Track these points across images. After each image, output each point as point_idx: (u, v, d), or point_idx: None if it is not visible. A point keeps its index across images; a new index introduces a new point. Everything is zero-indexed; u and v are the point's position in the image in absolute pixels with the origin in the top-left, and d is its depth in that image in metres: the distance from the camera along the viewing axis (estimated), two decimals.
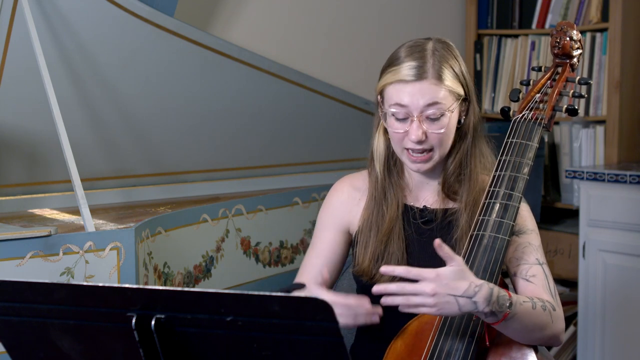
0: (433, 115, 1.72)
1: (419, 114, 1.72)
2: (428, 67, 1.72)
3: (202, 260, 2.70)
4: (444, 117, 1.73)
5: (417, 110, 1.72)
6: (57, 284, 1.32)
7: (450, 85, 1.73)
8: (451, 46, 1.79)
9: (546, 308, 1.65)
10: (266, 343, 1.23)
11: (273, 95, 3.08)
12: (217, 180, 3.17)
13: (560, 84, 1.82)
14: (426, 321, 1.68)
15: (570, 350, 3.53)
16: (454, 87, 1.74)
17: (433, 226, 1.81)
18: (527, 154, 1.74)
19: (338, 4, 3.68)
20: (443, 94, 1.72)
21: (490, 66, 3.99)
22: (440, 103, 1.72)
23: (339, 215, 1.87)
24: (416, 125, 1.72)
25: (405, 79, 1.72)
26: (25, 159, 2.71)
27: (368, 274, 1.79)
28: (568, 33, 1.83)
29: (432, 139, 1.73)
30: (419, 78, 1.72)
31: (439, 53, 1.75)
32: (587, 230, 3.31)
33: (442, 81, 1.72)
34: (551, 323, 1.67)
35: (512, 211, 1.68)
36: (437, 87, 1.72)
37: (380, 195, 1.83)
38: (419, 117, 1.72)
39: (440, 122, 1.73)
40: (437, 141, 1.74)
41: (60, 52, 2.55)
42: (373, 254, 1.79)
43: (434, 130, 1.72)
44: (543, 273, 1.74)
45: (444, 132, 1.73)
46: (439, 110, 1.72)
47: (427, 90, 1.71)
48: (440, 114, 1.72)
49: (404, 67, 1.73)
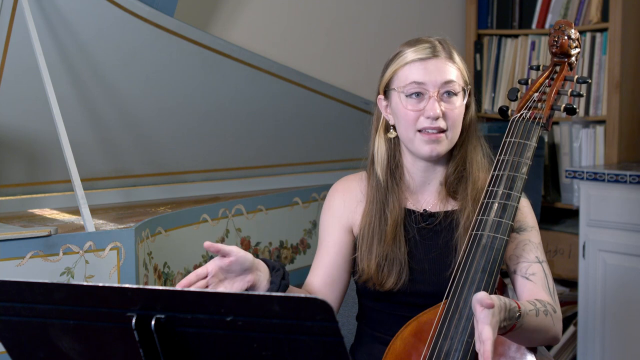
0: (450, 92, 1.74)
1: (435, 90, 1.74)
2: (439, 48, 1.77)
3: (202, 260, 2.71)
4: (458, 97, 1.76)
5: (435, 86, 1.74)
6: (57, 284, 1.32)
7: (460, 67, 1.77)
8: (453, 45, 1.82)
9: (548, 312, 1.65)
10: (266, 343, 1.23)
11: (273, 95, 3.08)
12: (217, 180, 3.18)
13: (559, 83, 1.82)
14: (425, 321, 1.68)
15: (570, 350, 3.53)
16: (463, 71, 1.78)
17: (434, 228, 1.81)
18: (526, 154, 1.74)
19: (338, 4, 3.69)
20: (456, 73, 1.76)
21: (490, 66, 3.99)
22: (454, 81, 1.75)
23: (341, 215, 1.87)
24: (434, 101, 1.73)
25: (420, 56, 1.75)
26: (25, 159, 2.71)
27: (370, 278, 1.79)
28: (566, 32, 1.82)
29: (449, 117, 1.74)
30: (434, 55, 1.75)
31: (446, 43, 1.79)
32: (587, 230, 3.32)
33: (454, 61, 1.76)
34: (552, 326, 1.67)
35: (510, 211, 1.68)
36: (451, 65, 1.76)
37: (382, 199, 1.82)
38: (436, 94, 1.73)
39: (456, 100, 1.75)
40: (452, 121, 1.75)
41: (60, 52, 2.55)
42: (376, 258, 1.78)
43: (451, 108, 1.74)
44: (543, 271, 1.74)
45: (458, 112, 1.76)
46: (455, 89, 1.75)
47: (443, 67, 1.75)
48: (456, 91, 1.75)
49: (415, 50, 1.76)
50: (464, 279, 1.64)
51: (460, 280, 1.65)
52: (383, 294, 1.78)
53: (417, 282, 1.77)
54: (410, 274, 1.77)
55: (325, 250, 1.86)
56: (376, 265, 1.77)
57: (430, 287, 1.76)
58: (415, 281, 1.77)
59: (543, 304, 1.66)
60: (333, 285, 1.84)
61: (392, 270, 1.76)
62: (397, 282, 1.76)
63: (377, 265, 1.77)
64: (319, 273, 1.85)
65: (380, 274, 1.77)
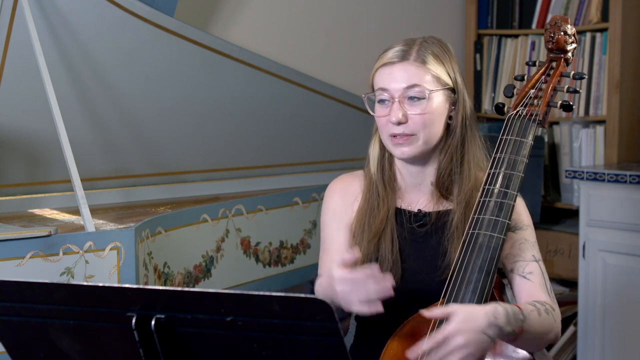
0: (414, 97, 1.73)
1: (399, 95, 1.73)
2: (412, 51, 1.75)
3: (202, 260, 2.70)
4: (427, 101, 1.73)
5: (398, 91, 1.73)
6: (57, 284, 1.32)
7: (435, 70, 1.74)
8: (446, 45, 1.80)
9: (548, 311, 1.65)
10: (266, 343, 1.23)
11: (273, 95, 3.08)
12: (217, 180, 3.17)
13: (555, 79, 1.80)
14: (422, 321, 1.67)
15: (570, 350, 3.53)
16: (439, 74, 1.75)
17: (427, 229, 1.80)
18: (522, 151, 1.73)
19: (338, 4, 3.68)
20: (425, 77, 1.73)
21: (490, 66, 3.99)
22: (421, 85, 1.72)
23: (340, 213, 1.87)
24: (396, 107, 1.73)
25: (389, 61, 1.75)
26: (25, 159, 2.71)
27: None
28: (562, 27, 1.80)
29: (414, 122, 1.73)
30: (402, 59, 1.74)
31: (428, 44, 1.77)
32: (587, 230, 3.31)
33: (425, 64, 1.74)
34: (554, 323, 1.67)
35: (507, 209, 1.67)
36: (419, 69, 1.73)
37: (374, 197, 1.82)
38: (399, 99, 1.73)
39: (422, 104, 1.73)
40: (420, 125, 1.73)
41: (60, 52, 2.55)
42: (365, 257, 1.79)
43: (416, 112, 1.73)
44: (540, 270, 1.74)
45: (427, 116, 1.73)
46: (420, 93, 1.72)
47: (408, 71, 1.73)
48: (421, 96, 1.72)
49: (389, 52, 1.77)
50: (460, 279, 1.64)
51: (457, 279, 1.64)
52: None
53: (409, 282, 1.77)
54: (402, 274, 1.77)
55: (332, 246, 1.86)
56: (362, 262, 1.77)
57: (424, 287, 1.76)
58: (407, 281, 1.77)
59: (541, 303, 1.66)
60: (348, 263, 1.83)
61: (382, 269, 1.76)
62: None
63: (362, 263, 1.77)
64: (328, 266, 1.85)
65: None
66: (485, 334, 1.50)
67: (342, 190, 1.89)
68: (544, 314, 1.63)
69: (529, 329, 1.58)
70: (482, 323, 1.50)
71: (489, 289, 1.64)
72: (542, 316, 1.63)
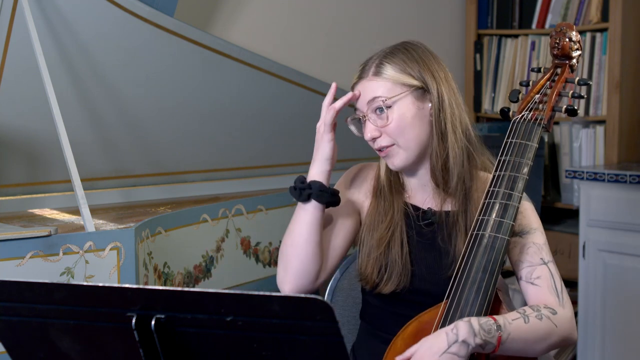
0: (377, 109, 1.75)
1: (365, 112, 1.76)
2: (369, 65, 1.78)
3: (202, 260, 2.70)
4: (391, 110, 1.74)
5: (364, 108, 1.77)
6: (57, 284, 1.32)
7: (392, 76, 1.75)
8: (414, 46, 1.79)
9: (542, 317, 1.64)
10: (266, 343, 1.23)
11: (273, 95, 3.08)
12: (217, 180, 3.17)
13: (560, 85, 1.82)
14: (426, 321, 1.68)
15: (570, 350, 3.53)
16: (398, 79, 1.74)
17: (434, 228, 1.81)
18: (527, 154, 1.74)
19: (338, 4, 3.68)
20: (383, 88, 1.74)
21: (490, 66, 4.00)
22: (379, 97, 1.74)
23: (353, 190, 1.88)
24: (368, 124, 1.77)
25: (354, 81, 1.81)
26: (25, 159, 2.71)
27: (370, 282, 1.79)
28: (567, 34, 1.83)
29: (387, 133, 1.75)
30: (360, 78, 1.79)
31: (389, 51, 1.78)
32: (587, 230, 3.32)
33: (379, 75, 1.75)
34: (555, 328, 1.66)
35: (511, 211, 1.69)
36: (374, 81, 1.76)
37: (381, 200, 1.84)
38: (367, 116, 1.76)
39: (387, 114, 1.74)
40: (394, 134, 1.74)
41: (60, 52, 2.55)
42: (376, 262, 1.79)
43: (384, 124, 1.74)
44: (548, 272, 1.73)
45: (396, 123, 1.74)
46: (382, 103, 1.73)
47: (367, 86, 1.77)
48: (382, 106, 1.74)
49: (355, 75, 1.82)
50: (464, 279, 1.65)
51: (461, 280, 1.65)
52: (387, 294, 1.78)
53: (417, 283, 1.78)
54: (412, 275, 1.77)
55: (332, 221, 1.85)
56: (372, 267, 1.78)
57: (429, 287, 1.77)
58: (415, 282, 1.78)
59: (536, 308, 1.66)
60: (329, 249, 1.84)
61: (392, 273, 1.76)
62: (398, 284, 1.76)
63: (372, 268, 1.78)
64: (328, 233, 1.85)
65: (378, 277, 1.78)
66: (450, 353, 1.54)
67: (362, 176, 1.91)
68: (534, 319, 1.63)
69: (513, 337, 1.59)
70: (442, 345, 1.55)
71: (493, 288, 1.65)
72: (531, 322, 1.62)
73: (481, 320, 1.57)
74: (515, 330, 1.59)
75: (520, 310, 1.64)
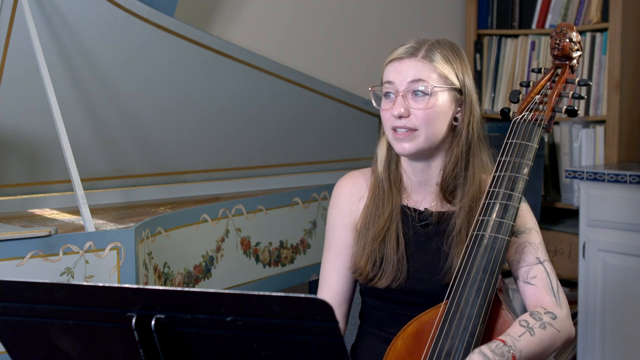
0: (418, 92, 1.74)
1: (404, 89, 1.74)
2: (422, 49, 1.77)
3: (202, 260, 2.70)
4: (430, 97, 1.74)
5: (403, 85, 1.75)
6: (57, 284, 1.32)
7: (442, 68, 1.75)
8: (458, 48, 1.82)
9: (545, 325, 1.65)
10: (266, 343, 1.23)
11: (273, 95, 3.08)
12: (217, 180, 3.17)
13: (560, 86, 1.82)
14: (426, 321, 1.68)
15: (570, 350, 3.53)
16: (446, 73, 1.76)
17: (429, 229, 1.81)
18: (527, 155, 1.74)
19: (338, 4, 3.68)
20: (431, 75, 1.74)
21: (490, 66, 4.00)
22: (425, 81, 1.74)
23: (346, 212, 1.88)
24: (399, 100, 1.74)
25: (398, 56, 1.77)
26: (25, 159, 2.71)
27: (364, 274, 1.79)
28: (568, 35, 1.83)
29: (416, 117, 1.74)
30: (410, 56, 1.76)
31: (439, 44, 1.78)
32: (587, 230, 3.32)
33: (431, 61, 1.75)
34: (558, 333, 1.66)
35: (512, 211, 1.69)
36: (425, 65, 1.75)
37: (380, 196, 1.83)
38: (403, 93, 1.74)
39: (426, 100, 1.74)
40: (422, 120, 1.74)
41: (60, 52, 2.55)
42: (370, 255, 1.79)
43: (419, 107, 1.73)
44: (544, 272, 1.73)
45: (430, 112, 1.74)
46: (425, 88, 1.73)
47: (414, 66, 1.75)
48: (425, 91, 1.73)
49: (400, 48, 1.79)
50: (465, 279, 1.65)
51: (462, 280, 1.65)
52: (383, 291, 1.79)
53: (414, 281, 1.78)
54: (407, 273, 1.77)
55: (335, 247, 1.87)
56: (366, 261, 1.78)
57: (427, 287, 1.77)
58: (412, 280, 1.78)
59: (537, 317, 1.66)
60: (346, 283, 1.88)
61: (387, 268, 1.77)
62: (393, 280, 1.76)
63: (367, 261, 1.78)
64: (331, 271, 1.87)
65: (372, 271, 1.78)
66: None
67: (350, 188, 1.89)
68: (539, 330, 1.63)
69: (526, 353, 1.60)
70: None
71: (493, 289, 1.65)
72: (537, 334, 1.63)
73: (491, 347, 1.57)
74: (525, 347, 1.60)
75: (523, 323, 1.64)
